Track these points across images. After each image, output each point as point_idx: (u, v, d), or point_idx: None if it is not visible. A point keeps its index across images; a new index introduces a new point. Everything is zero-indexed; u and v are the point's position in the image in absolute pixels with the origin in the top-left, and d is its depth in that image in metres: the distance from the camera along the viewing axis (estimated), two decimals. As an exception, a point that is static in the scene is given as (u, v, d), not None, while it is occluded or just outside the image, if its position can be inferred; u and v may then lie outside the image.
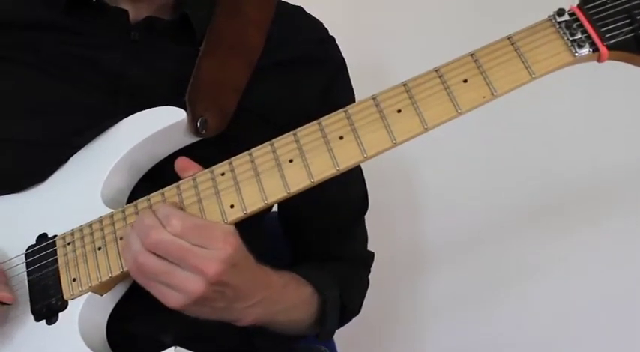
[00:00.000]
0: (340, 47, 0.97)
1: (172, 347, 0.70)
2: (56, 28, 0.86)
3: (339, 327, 0.93)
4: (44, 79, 0.84)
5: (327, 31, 0.97)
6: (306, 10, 0.97)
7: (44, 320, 0.76)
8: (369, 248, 1.02)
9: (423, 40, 1.35)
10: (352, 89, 0.96)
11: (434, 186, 1.41)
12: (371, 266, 1.02)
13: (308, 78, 0.90)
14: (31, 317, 0.77)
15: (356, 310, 0.99)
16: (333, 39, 0.97)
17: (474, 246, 1.37)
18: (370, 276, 1.01)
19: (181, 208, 0.72)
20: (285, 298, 0.81)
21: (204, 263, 0.65)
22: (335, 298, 0.89)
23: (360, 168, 0.99)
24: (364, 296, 1.00)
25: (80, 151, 0.82)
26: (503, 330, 1.34)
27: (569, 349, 1.30)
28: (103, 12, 0.86)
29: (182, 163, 0.75)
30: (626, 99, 1.29)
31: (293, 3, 0.97)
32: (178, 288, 0.66)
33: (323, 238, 0.97)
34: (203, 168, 0.74)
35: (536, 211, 1.34)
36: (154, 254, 0.66)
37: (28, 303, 0.77)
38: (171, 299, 0.67)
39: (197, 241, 0.66)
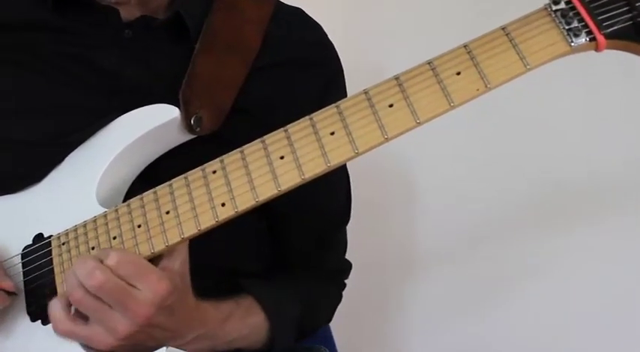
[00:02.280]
0: (340, 47, 0.95)
1: (164, 348, 0.70)
2: (50, 28, 0.86)
3: (301, 339, 0.92)
4: (40, 80, 0.85)
5: (325, 35, 0.95)
6: (307, 10, 0.96)
7: (39, 321, 0.76)
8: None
9: (423, 39, 1.34)
10: (346, 95, 0.94)
11: (431, 186, 1.40)
12: (347, 277, 1.01)
13: (303, 82, 0.90)
14: (27, 317, 0.77)
15: (320, 324, 0.99)
16: (331, 44, 0.95)
17: (473, 246, 1.36)
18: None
19: (176, 209, 0.71)
20: (227, 331, 0.81)
21: (135, 304, 0.66)
22: (289, 324, 0.88)
23: (348, 177, 0.98)
24: (335, 308, 1.00)
25: (75, 151, 0.82)
26: (502, 331, 1.33)
27: (568, 350, 1.27)
28: (92, 11, 0.85)
29: None
30: (626, 98, 1.27)
31: (295, 2, 0.96)
32: (107, 327, 0.67)
33: (305, 247, 0.95)
34: None
35: (535, 211, 1.33)
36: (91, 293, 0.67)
37: (24, 303, 0.77)
38: (100, 338, 0.68)
39: (130, 276, 0.67)
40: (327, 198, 0.92)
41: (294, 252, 0.96)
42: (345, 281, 1.02)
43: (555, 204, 1.31)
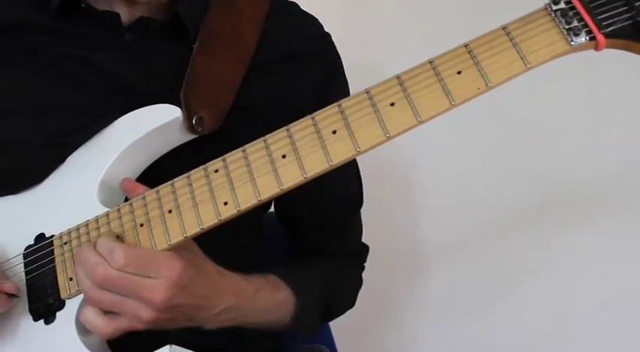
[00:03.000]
0: (339, 44, 0.95)
1: (167, 346, 0.70)
2: (49, 31, 0.86)
3: (326, 322, 0.93)
4: (40, 81, 0.85)
5: (322, 27, 0.96)
6: (306, 7, 0.96)
7: (42, 320, 0.76)
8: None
9: (423, 37, 1.35)
10: (348, 87, 0.95)
11: (432, 185, 1.41)
12: (365, 259, 1.02)
13: (303, 75, 0.90)
14: (30, 316, 0.77)
15: (345, 306, 0.99)
16: (328, 35, 0.96)
17: (472, 246, 1.37)
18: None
19: (178, 208, 0.72)
20: (257, 303, 0.81)
21: (150, 293, 0.68)
22: (313, 300, 0.89)
23: (356, 164, 0.98)
24: (357, 291, 1.00)
25: (77, 151, 0.82)
26: (502, 331, 1.33)
27: (568, 350, 1.28)
28: (93, 15, 0.85)
29: (127, 184, 0.77)
30: (626, 98, 1.27)
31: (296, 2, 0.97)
32: (132, 317, 0.70)
33: (318, 234, 0.97)
34: (149, 188, 0.75)
35: (536, 210, 1.33)
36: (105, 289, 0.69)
37: (27, 303, 0.77)
38: (134, 325, 0.70)
39: (141, 271, 0.68)
40: (339, 186, 0.93)
41: (311, 240, 0.97)
42: (364, 264, 1.02)
43: (556, 204, 1.31)
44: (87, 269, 0.69)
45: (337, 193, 0.94)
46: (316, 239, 0.97)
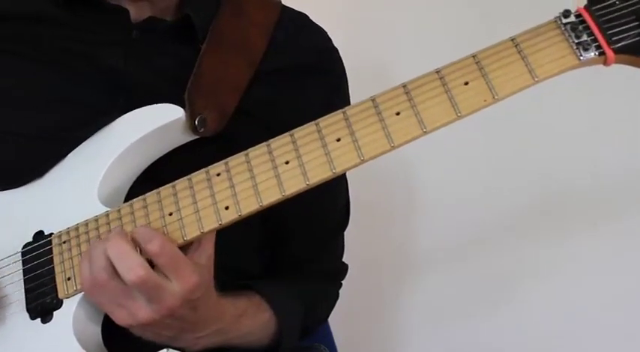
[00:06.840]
0: (341, 46, 0.95)
1: (165, 350, 0.70)
2: (58, 24, 0.86)
3: (303, 336, 0.94)
4: (44, 74, 0.84)
5: (330, 41, 0.96)
6: (311, 11, 0.96)
7: (39, 319, 0.76)
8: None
9: (425, 38, 1.34)
10: (349, 103, 0.94)
11: (431, 188, 1.40)
12: (343, 278, 1.02)
13: (308, 88, 0.90)
14: (26, 315, 0.76)
15: (322, 322, 1.01)
16: (335, 50, 0.96)
17: (473, 248, 1.36)
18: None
19: (179, 210, 0.71)
20: (240, 327, 0.81)
21: (163, 296, 0.66)
22: (294, 322, 0.89)
23: (346, 181, 0.98)
24: (333, 307, 1.01)
25: (79, 147, 0.81)
26: (501, 333, 1.33)
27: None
28: (103, 10, 0.85)
29: None
30: (628, 101, 1.27)
31: (297, 1, 0.96)
32: (129, 311, 0.68)
33: (304, 250, 0.96)
34: None
35: (535, 213, 1.32)
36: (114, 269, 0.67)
37: (24, 301, 0.77)
38: (119, 316, 0.69)
39: (167, 269, 0.66)
40: (328, 204, 0.93)
41: (294, 255, 0.96)
42: (342, 281, 1.03)
43: (556, 207, 1.31)
44: (123, 265, 0.66)
45: (328, 208, 0.94)
46: (302, 255, 0.96)
